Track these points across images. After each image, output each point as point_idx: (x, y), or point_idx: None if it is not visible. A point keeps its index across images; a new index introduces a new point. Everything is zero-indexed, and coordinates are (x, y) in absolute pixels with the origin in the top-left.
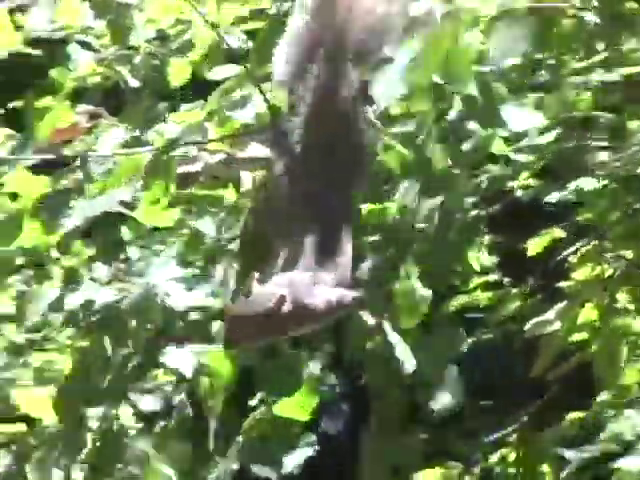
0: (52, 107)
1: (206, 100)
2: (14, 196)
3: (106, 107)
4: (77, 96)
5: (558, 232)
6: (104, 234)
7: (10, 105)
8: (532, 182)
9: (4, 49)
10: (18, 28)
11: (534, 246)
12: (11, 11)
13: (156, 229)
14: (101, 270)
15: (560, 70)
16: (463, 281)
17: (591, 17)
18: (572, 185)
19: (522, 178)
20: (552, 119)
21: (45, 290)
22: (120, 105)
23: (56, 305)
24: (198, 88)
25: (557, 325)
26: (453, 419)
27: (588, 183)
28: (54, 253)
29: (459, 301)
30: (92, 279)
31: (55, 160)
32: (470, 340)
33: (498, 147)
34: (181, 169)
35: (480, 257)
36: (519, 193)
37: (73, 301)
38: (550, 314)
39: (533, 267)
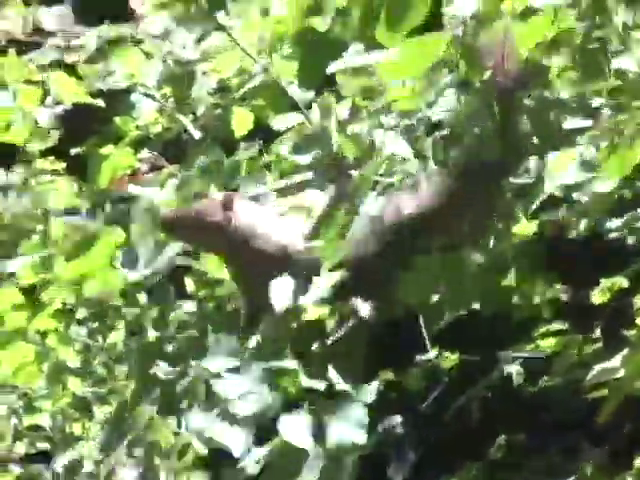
0: (114, 154)
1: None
2: None
3: (168, 155)
4: (139, 144)
5: (621, 279)
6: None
7: (73, 152)
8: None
9: (69, 100)
10: (82, 79)
11: (599, 295)
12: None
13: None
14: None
15: None
16: (526, 329)
17: None
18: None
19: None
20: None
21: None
22: (182, 153)
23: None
24: (261, 135)
25: (622, 372)
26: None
27: None
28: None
29: (521, 349)
30: None
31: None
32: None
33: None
34: None
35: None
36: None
37: None
38: (614, 361)
39: (597, 314)
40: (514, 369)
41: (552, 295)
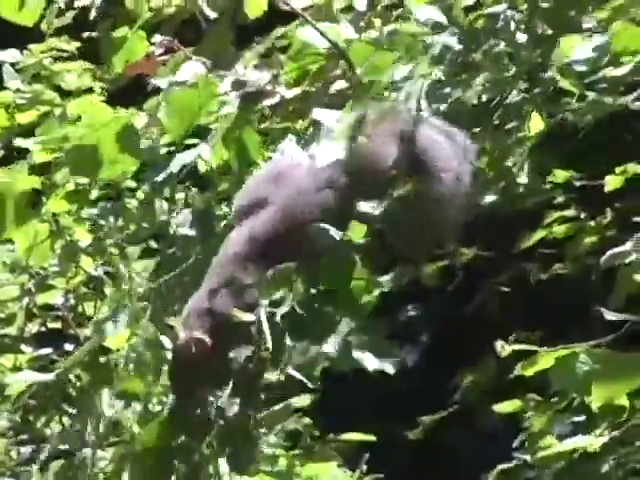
0: (128, 38)
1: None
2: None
3: (182, 38)
4: (153, 27)
5: (635, 167)
6: None
7: (86, 35)
8: None
9: None
10: None
11: (612, 182)
12: None
13: None
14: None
15: None
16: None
17: None
18: None
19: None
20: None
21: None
22: (197, 37)
23: (133, 238)
24: (276, 19)
25: (633, 257)
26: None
27: None
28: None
29: (536, 235)
30: None
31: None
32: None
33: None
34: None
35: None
36: None
37: None
38: (627, 245)
39: (611, 202)
40: (530, 265)
41: (565, 179)
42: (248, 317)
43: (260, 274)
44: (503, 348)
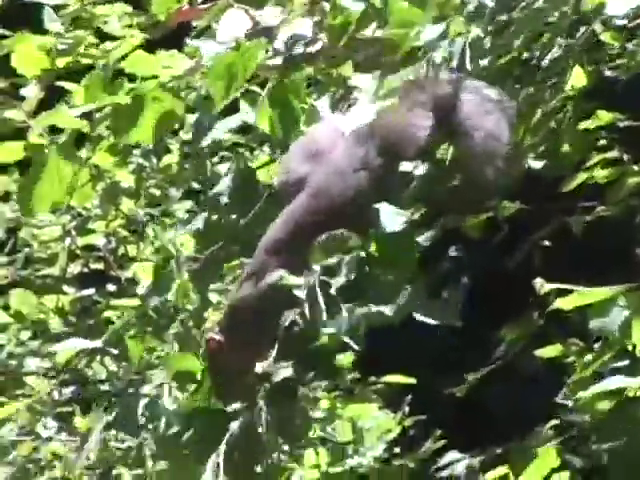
0: None
1: None
2: None
3: None
4: None
5: None
6: None
7: None
8: None
9: None
10: None
11: None
12: None
13: None
14: None
15: None
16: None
17: None
18: None
19: None
20: None
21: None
22: None
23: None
24: None
25: None
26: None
27: None
28: None
29: (578, 178)
30: None
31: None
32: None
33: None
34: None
35: None
36: None
37: None
38: None
39: None
40: (574, 218)
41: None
42: (298, 281)
43: (296, 258)
44: (542, 286)
